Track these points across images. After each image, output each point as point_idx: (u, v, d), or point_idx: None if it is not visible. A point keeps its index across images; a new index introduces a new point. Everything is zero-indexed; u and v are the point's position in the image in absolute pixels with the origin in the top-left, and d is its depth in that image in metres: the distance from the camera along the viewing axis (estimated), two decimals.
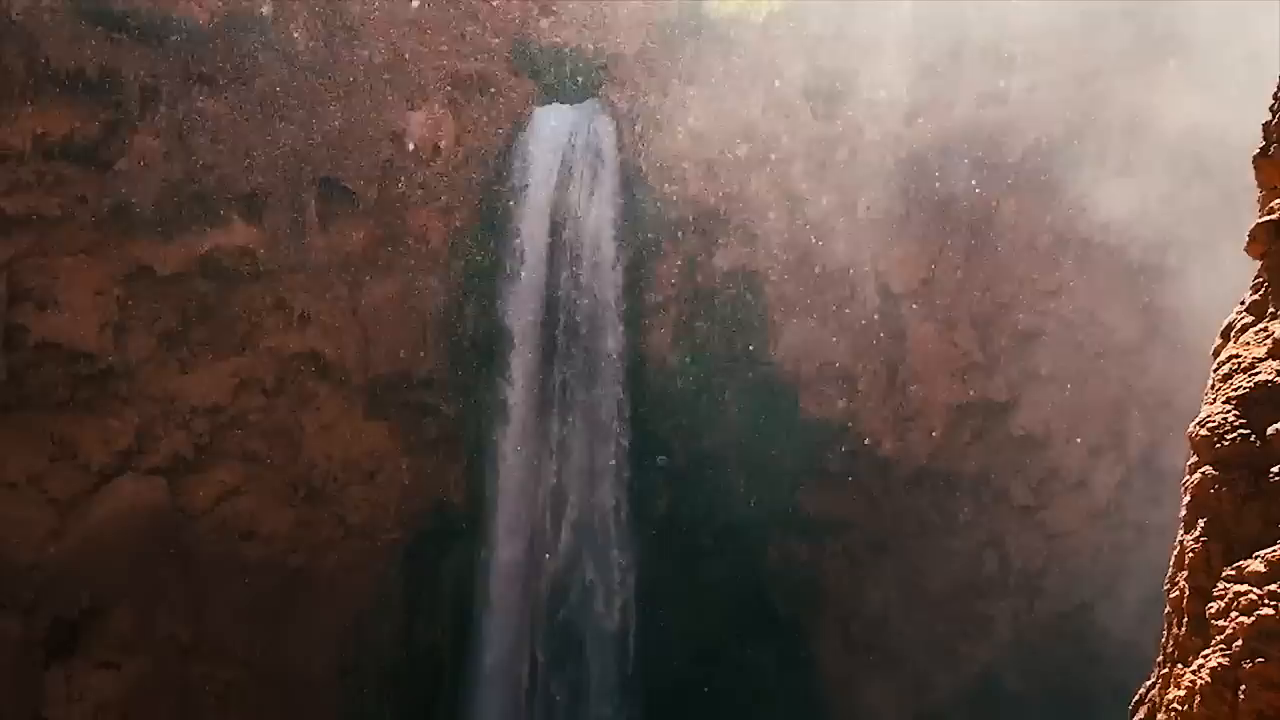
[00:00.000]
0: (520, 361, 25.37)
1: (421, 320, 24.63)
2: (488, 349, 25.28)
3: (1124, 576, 22.60)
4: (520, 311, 25.41)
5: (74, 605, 22.01)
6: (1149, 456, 23.34)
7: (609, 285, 25.54)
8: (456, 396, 25.17)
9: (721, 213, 25.07)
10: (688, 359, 25.48)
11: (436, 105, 24.14)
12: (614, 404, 25.46)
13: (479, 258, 25.12)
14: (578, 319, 25.44)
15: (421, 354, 24.59)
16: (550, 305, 25.46)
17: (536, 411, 25.38)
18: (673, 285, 25.66)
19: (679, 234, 25.39)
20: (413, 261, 24.65)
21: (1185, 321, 20.71)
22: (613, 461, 25.39)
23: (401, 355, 24.55)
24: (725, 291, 25.47)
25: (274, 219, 23.38)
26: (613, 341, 25.42)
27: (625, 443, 25.43)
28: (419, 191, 24.49)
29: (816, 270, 24.99)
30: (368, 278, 24.31)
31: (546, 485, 25.33)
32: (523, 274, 25.33)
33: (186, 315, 23.18)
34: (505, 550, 24.97)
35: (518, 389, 25.28)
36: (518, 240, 25.22)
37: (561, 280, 25.39)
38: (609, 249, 25.41)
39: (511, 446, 25.11)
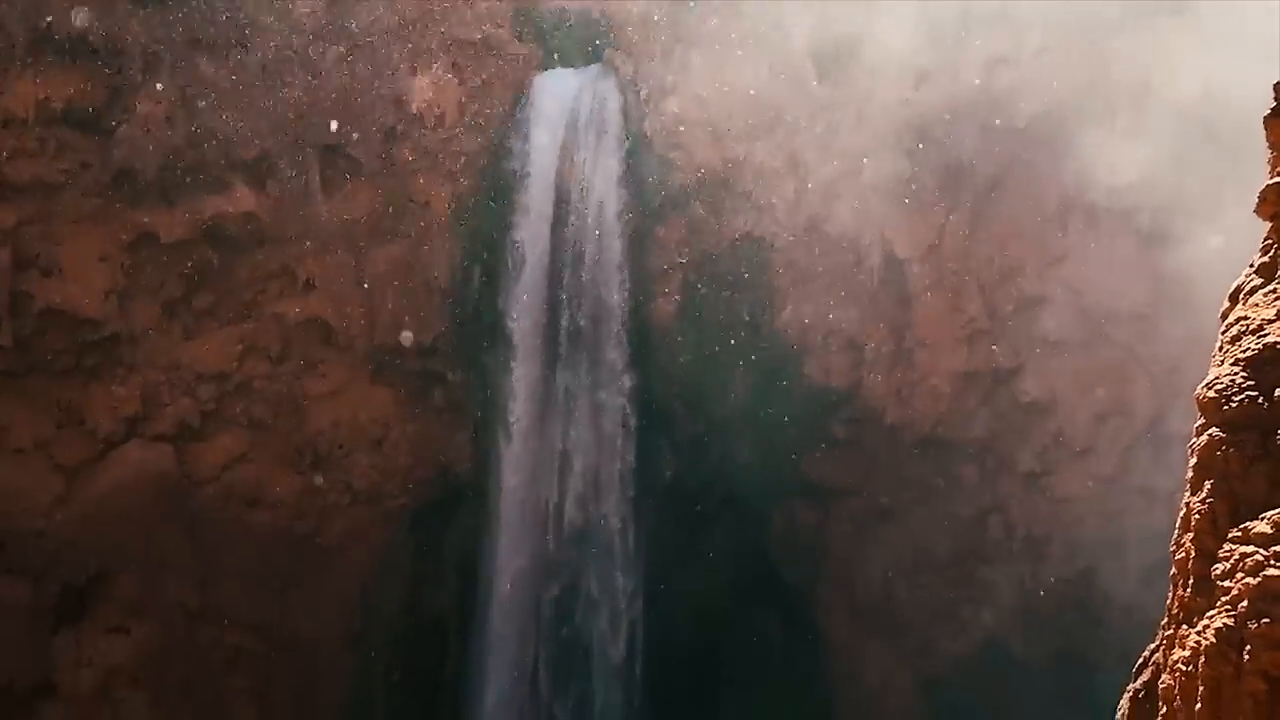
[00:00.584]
0: (525, 329, 25.34)
1: (426, 287, 24.59)
2: (492, 316, 25.25)
3: (1128, 542, 22.65)
4: (525, 279, 25.36)
5: (82, 571, 22.16)
6: (1155, 423, 23.32)
7: (613, 252, 25.46)
8: (461, 364, 25.18)
9: (727, 179, 24.94)
10: (693, 326, 25.43)
11: (440, 70, 23.99)
12: (618, 371, 25.45)
13: (483, 224, 25.04)
14: (582, 286, 25.39)
15: (426, 321, 24.57)
16: (554, 273, 25.40)
17: (541, 379, 25.38)
18: (678, 252, 25.57)
19: (684, 200, 25.27)
20: (417, 228, 24.58)
21: (1193, 287, 20.62)
22: (618, 430, 25.42)
23: (406, 322, 24.53)
24: (730, 258, 25.37)
25: (277, 185, 23.32)
26: (617, 308, 25.37)
27: (630, 410, 25.45)
28: (423, 158, 24.38)
29: (822, 236, 24.88)
30: (372, 244, 24.26)
31: (552, 453, 25.38)
32: (527, 241, 25.25)
33: (191, 282, 23.17)
34: (511, 517, 25.05)
35: (522, 356, 25.26)
36: (522, 207, 25.14)
37: (566, 247, 25.32)
38: (613, 216, 25.31)
39: (516, 414, 25.13)
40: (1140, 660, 5.87)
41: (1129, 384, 23.83)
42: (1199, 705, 4.00)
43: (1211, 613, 4.05)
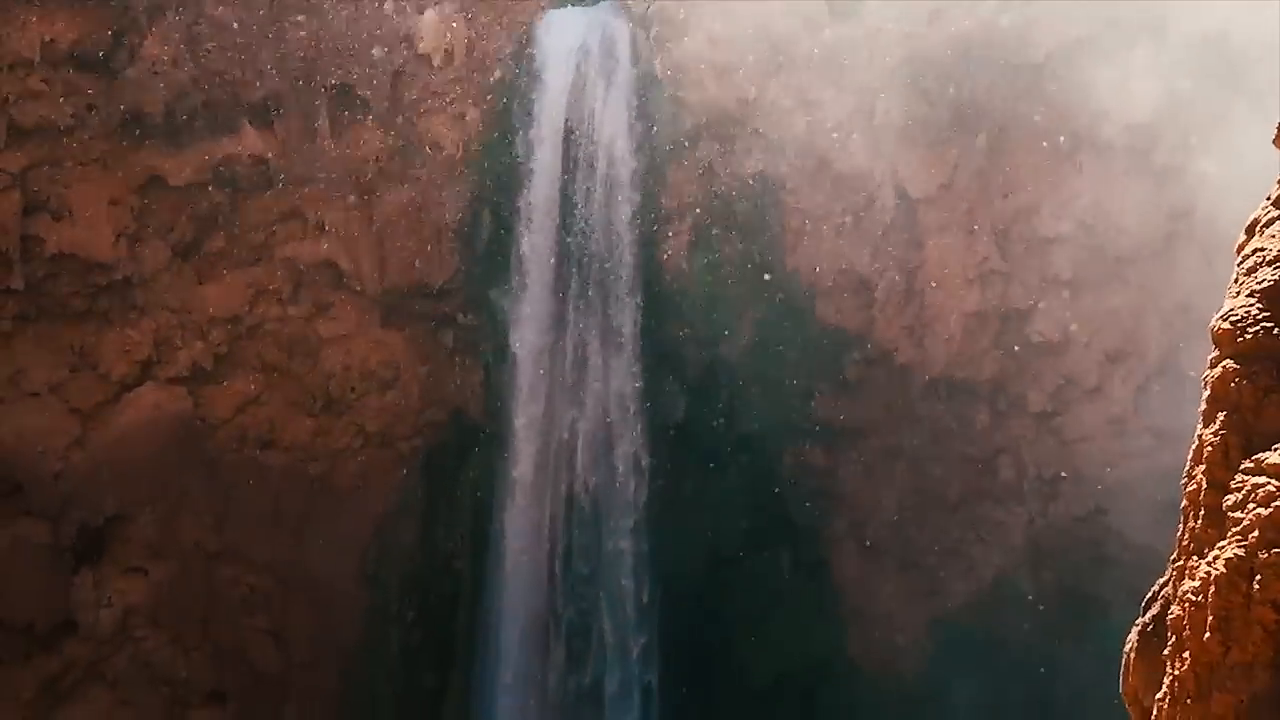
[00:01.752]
0: (535, 270, 25.32)
1: (436, 229, 24.55)
2: (503, 258, 25.22)
3: (1140, 482, 22.70)
4: (535, 220, 25.29)
5: (99, 512, 22.41)
6: (1168, 362, 23.28)
7: (624, 193, 25.34)
8: (473, 306, 25.21)
9: (738, 118, 24.73)
10: (703, 267, 25.37)
11: (447, 7, 23.74)
12: (629, 312, 25.44)
13: (493, 166, 24.92)
14: (592, 227, 25.31)
15: (437, 264, 24.56)
16: (564, 214, 25.32)
17: (552, 321, 25.40)
18: (688, 192, 25.44)
19: (695, 140, 25.10)
20: (426, 170, 24.49)
21: (1207, 225, 20.48)
22: (628, 371, 25.47)
23: (417, 265, 24.52)
24: (742, 198, 25.25)
25: (286, 127, 23.22)
26: (627, 249, 25.31)
27: (640, 351, 25.48)
28: (431, 98, 24.23)
29: (834, 176, 24.72)
30: (382, 186, 24.20)
31: (563, 395, 25.47)
32: (537, 182, 25.15)
33: (201, 225, 23.16)
34: (523, 458, 25.20)
35: (533, 298, 25.27)
36: (531, 148, 25.00)
37: (576, 188, 25.20)
38: (624, 155, 25.17)
39: (527, 356, 25.19)
40: (1149, 595, 5.89)
41: (1141, 323, 23.75)
42: (1208, 635, 4.02)
43: (1222, 543, 4.05)
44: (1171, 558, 5.13)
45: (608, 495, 25.46)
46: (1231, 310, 4.44)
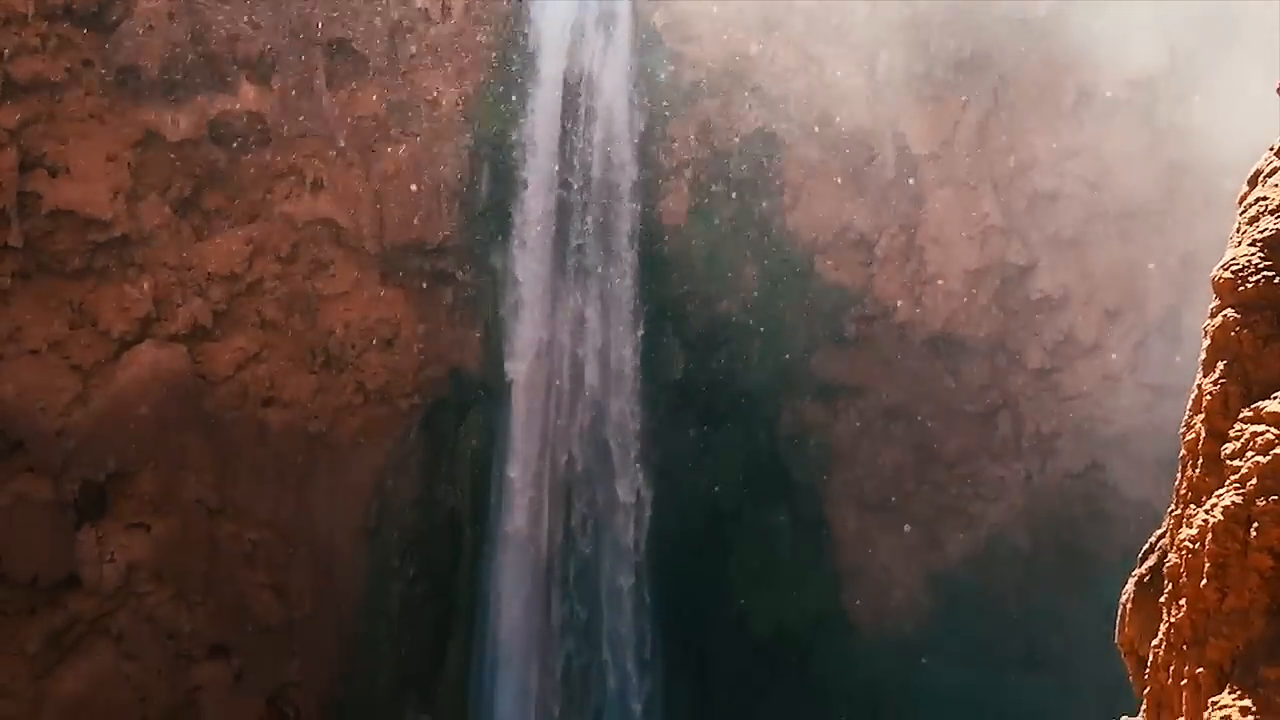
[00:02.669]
0: (535, 227, 25.24)
1: (435, 187, 24.43)
2: (502, 215, 25.14)
3: (1137, 438, 22.79)
4: (534, 177, 25.18)
5: (101, 469, 22.45)
6: (1167, 319, 23.30)
7: (623, 149, 25.22)
8: (472, 264, 25.14)
9: (738, 74, 24.56)
10: (703, 224, 25.30)
11: None
12: (629, 269, 25.40)
13: (492, 122, 24.77)
14: (592, 183, 25.22)
15: (436, 221, 24.47)
16: (564, 171, 25.22)
17: (551, 277, 25.36)
18: (688, 149, 25.32)
19: (695, 96, 24.94)
20: (425, 126, 24.33)
21: (1209, 181, 20.41)
22: (628, 328, 25.47)
23: (416, 222, 24.43)
24: (742, 155, 25.14)
25: (283, 82, 23.04)
26: (627, 206, 25.22)
27: (640, 308, 25.46)
28: (429, 54, 24.02)
29: (834, 133, 24.61)
30: (380, 143, 24.05)
31: (562, 351, 25.48)
32: (536, 139, 25.02)
33: (199, 182, 23.03)
34: (522, 414, 25.25)
35: (532, 255, 25.21)
36: (530, 104, 24.84)
37: (575, 145, 25.08)
38: (623, 112, 25.02)
39: (527, 312, 25.17)
40: (1146, 546, 5.93)
41: (1141, 279, 23.74)
42: (1205, 582, 4.06)
43: (1220, 491, 4.08)
44: (1169, 510, 5.16)
45: (606, 452, 25.54)
46: (1233, 259, 4.44)
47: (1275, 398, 3.99)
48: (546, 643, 25.41)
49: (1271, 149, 5.62)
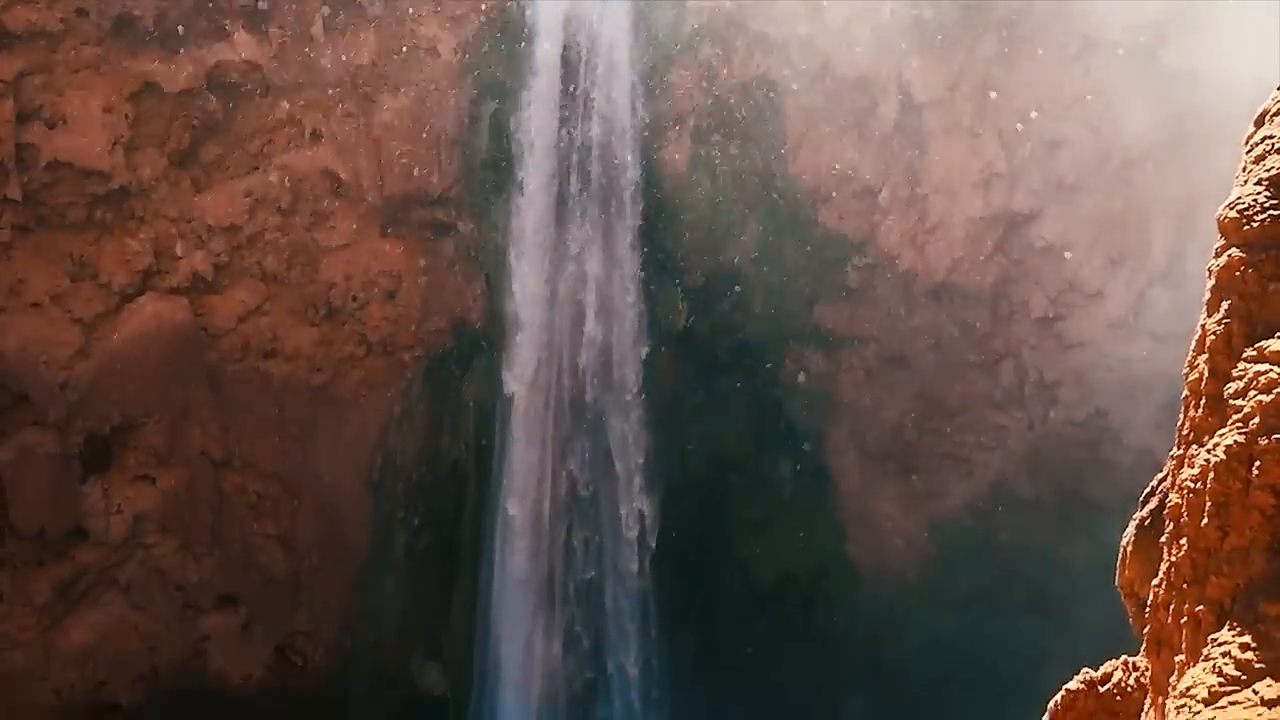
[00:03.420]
0: (535, 178, 25.12)
1: (435, 137, 24.29)
2: (503, 166, 25.00)
3: (1140, 386, 22.81)
4: (534, 127, 25.01)
5: (106, 421, 22.53)
6: (1170, 266, 23.22)
7: (624, 98, 25.02)
8: (473, 214, 25.06)
9: (739, 20, 24.30)
10: (705, 173, 25.16)
11: None
12: (630, 219, 25.30)
13: (491, 72, 24.57)
14: (592, 133, 25.05)
15: (436, 172, 24.35)
16: (565, 119, 25.05)
17: (553, 228, 25.28)
18: (690, 97, 25.13)
19: (695, 43, 24.70)
20: (424, 76, 24.13)
21: (1214, 127, 20.23)
22: (630, 278, 25.42)
23: (416, 173, 24.32)
24: (743, 103, 24.94)
25: (280, 31, 22.83)
26: (628, 155, 25.07)
27: (642, 258, 25.40)
28: (428, 1, 23.77)
29: (837, 79, 24.39)
30: (379, 93, 23.88)
31: (564, 302, 25.45)
32: (536, 88, 24.82)
33: (197, 133, 22.90)
34: (525, 365, 25.28)
35: (533, 206, 25.11)
36: (530, 53, 24.61)
37: (576, 93, 24.88)
38: (624, 60, 24.79)
39: (529, 263, 25.12)
40: (1147, 490, 5.94)
41: (1146, 226, 23.63)
42: (1206, 521, 4.06)
43: (1222, 431, 4.08)
44: (1171, 453, 5.16)
45: (609, 401, 25.60)
46: (1239, 198, 4.40)
47: (1279, 337, 3.98)
48: (550, 591, 25.62)
49: (1279, 88, 5.56)
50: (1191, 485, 4.18)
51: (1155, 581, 4.69)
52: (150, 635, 23.21)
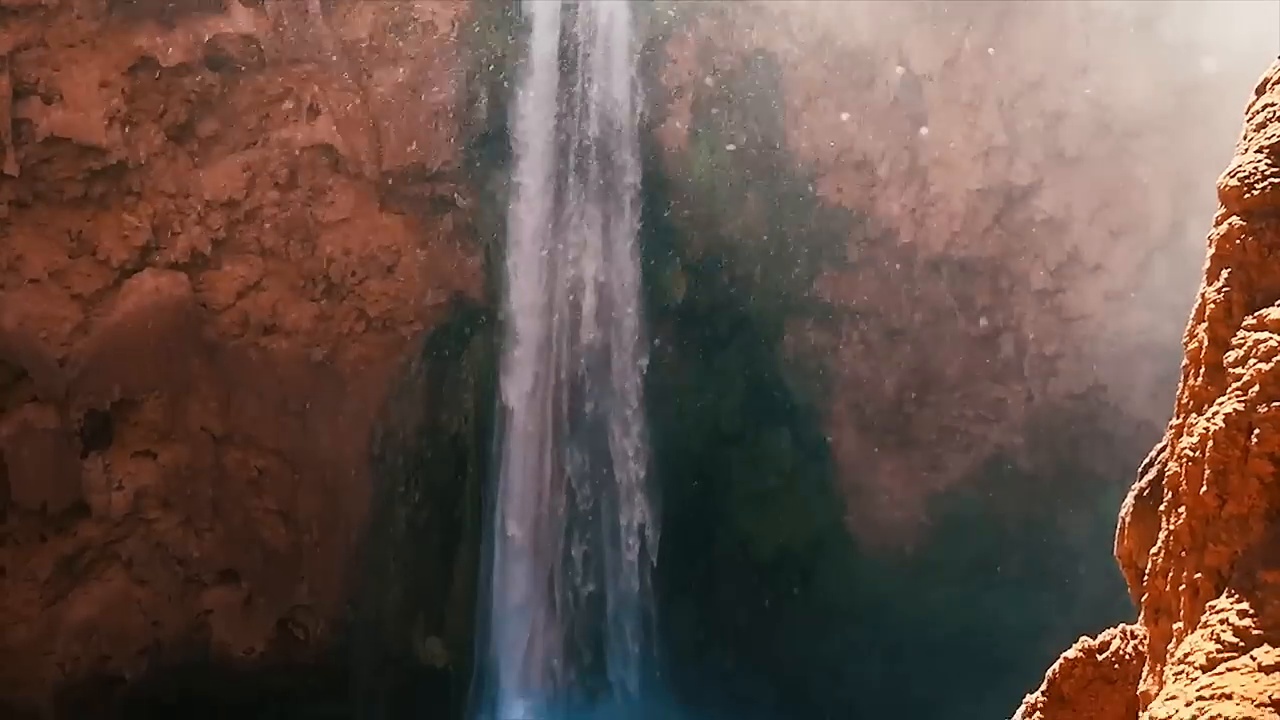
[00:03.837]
0: (534, 152, 25.04)
1: (433, 111, 24.19)
2: (501, 140, 24.92)
3: (1139, 358, 22.82)
4: (532, 101, 24.92)
5: (106, 397, 22.55)
6: (1170, 238, 23.19)
7: (622, 71, 24.92)
8: (471, 189, 24.99)
9: None
10: (704, 146, 25.09)
11: None
12: (629, 193, 25.23)
13: (489, 45, 24.44)
14: (590, 107, 24.95)
15: (434, 146, 24.27)
16: (563, 93, 24.95)
17: (552, 203, 25.22)
18: (688, 71, 25.03)
19: (694, 15, 24.58)
20: (421, 49, 24.01)
21: (1216, 98, 20.15)
22: (629, 252, 25.38)
23: (414, 147, 24.23)
24: (742, 75, 24.84)
25: (276, 4, 22.70)
26: (627, 129, 24.98)
27: (641, 232, 25.35)
28: None
29: (837, 52, 24.29)
30: (375, 67, 23.77)
31: (563, 275, 25.43)
32: (534, 61, 24.71)
33: (193, 108, 22.81)
34: (524, 340, 25.28)
35: (532, 180, 25.05)
36: (528, 26, 24.49)
37: (574, 67, 24.77)
38: (621, 33, 24.67)
39: (527, 238, 25.08)
40: (1146, 460, 5.94)
41: (1146, 199, 23.58)
42: (1204, 489, 4.07)
43: (1222, 399, 4.08)
44: (1170, 424, 5.17)
45: (608, 376, 25.61)
46: (1239, 166, 4.39)
47: (1279, 304, 3.98)
48: (551, 566, 25.72)
49: None
50: (1190, 454, 4.18)
51: (1154, 550, 4.70)
52: (153, 609, 23.32)
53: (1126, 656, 5.14)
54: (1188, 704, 3.52)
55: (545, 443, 25.48)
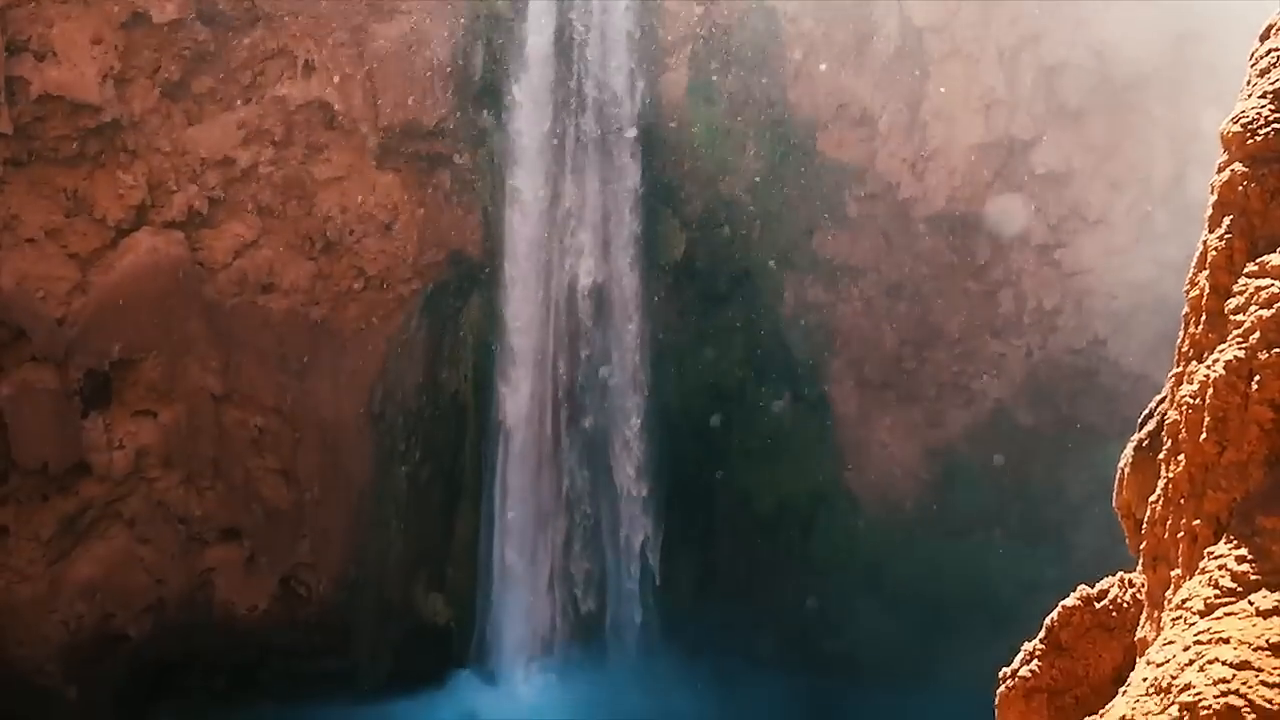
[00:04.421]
0: (532, 108, 24.85)
1: (429, 67, 23.98)
2: (498, 96, 24.73)
3: (1139, 312, 22.80)
4: (530, 56, 24.71)
5: (105, 357, 22.53)
6: (1172, 191, 23.08)
7: (620, 25, 24.68)
8: (468, 145, 24.83)
9: None
10: (703, 102, 24.91)
11: None
12: (627, 149, 25.08)
13: (486, 0, 24.21)
14: (588, 62, 24.74)
15: (430, 103, 24.08)
16: (561, 49, 24.73)
17: (549, 159, 25.07)
18: (687, 25, 24.79)
19: None
20: (417, 4, 23.76)
21: (1218, 50, 19.98)
22: (628, 207, 25.27)
23: (410, 104, 24.05)
24: (741, 29, 24.61)
25: None
26: (625, 85, 24.79)
27: (640, 188, 25.23)
28: None
29: (837, 4, 24.05)
30: (371, 22, 23.53)
31: (562, 231, 25.33)
32: (530, 16, 24.47)
33: (188, 64, 22.62)
34: (523, 298, 25.23)
35: (530, 136, 24.88)
36: None
37: (571, 22, 24.53)
38: None
39: (525, 194, 24.95)
40: (1145, 412, 5.93)
41: (1148, 152, 23.44)
42: (1204, 436, 4.07)
43: (1222, 346, 4.06)
44: (1171, 374, 5.16)
45: (608, 333, 25.59)
46: (1242, 112, 4.34)
47: None
48: (552, 522, 25.82)
49: None
50: (1190, 401, 4.18)
51: (1152, 499, 4.71)
52: (156, 568, 23.44)
53: (1124, 604, 5.16)
54: (1185, 648, 3.53)
55: (544, 402, 25.50)
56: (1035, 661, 5.35)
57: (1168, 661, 3.55)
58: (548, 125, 24.94)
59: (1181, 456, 4.27)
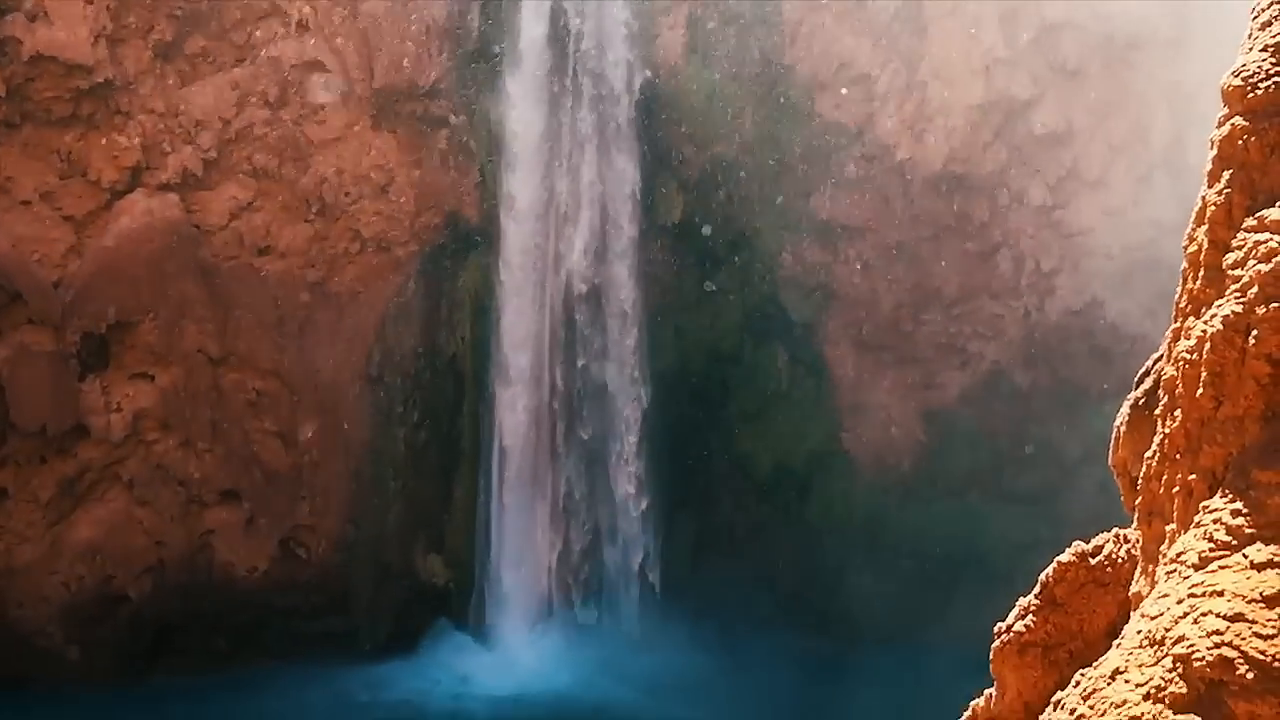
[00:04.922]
0: (528, 69, 24.68)
1: (424, 27, 23.78)
2: (494, 56, 24.54)
3: (1137, 273, 22.77)
4: (526, 15, 24.51)
5: (101, 319, 22.49)
6: (1172, 153, 22.98)
7: None
8: (464, 107, 24.67)
9: None
10: (701, 63, 24.72)
11: None
12: (624, 111, 24.94)
13: None
14: (585, 21, 24.54)
15: (426, 63, 23.90)
16: (556, 10, 24.54)
17: (545, 119, 24.93)
18: None
19: None
20: None
21: (1218, 11, 19.82)
22: (624, 169, 25.15)
23: (405, 64, 23.87)
24: None
25: None
26: (622, 46, 24.60)
27: (637, 150, 25.10)
28: None
29: None
30: None
31: (557, 193, 25.23)
32: None
33: (180, 25, 22.43)
34: (520, 259, 25.17)
35: (526, 98, 24.72)
36: None
37: None
38: None
39: (521, 154, 24.83)
40: (1142, 370, 5.93)
41: (1148, 113, 23.33)
42: (1200, 391, 4.06)
43: (1220, 301, 4.05)
44: (1168, 331, 5.15)
45: (605, 295, 25.55)
46: (1243, 65, 4.30)
47: None
48: (550, 484, 25.89)
49: None
50: (1187, 356, 4.17)
51: (1148, 454, 4.71)
52: (155, 530, 23.51)
53: (1119, 560, 5.18)
54: (1179, 601, 3.54)
55: (542, 363, 25.50)
56: (1030, 616, 5.37)
57: (1162, 614, 3.56)
58: (543, 85, 24.79)
59: (1178, 412, 4.27)
